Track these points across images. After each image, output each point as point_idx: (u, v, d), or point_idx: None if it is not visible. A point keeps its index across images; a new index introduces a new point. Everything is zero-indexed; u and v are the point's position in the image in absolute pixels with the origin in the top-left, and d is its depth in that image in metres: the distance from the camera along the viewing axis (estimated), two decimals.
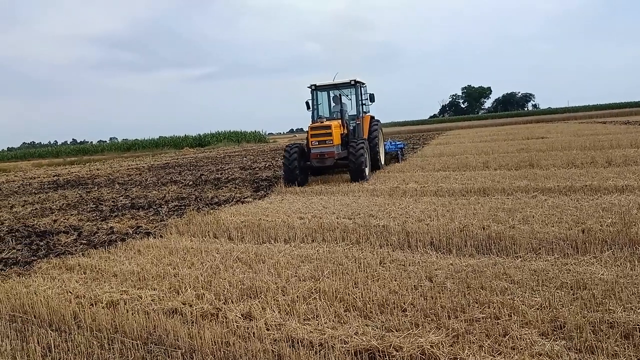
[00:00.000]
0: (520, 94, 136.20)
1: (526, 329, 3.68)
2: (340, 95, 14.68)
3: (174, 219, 9.35)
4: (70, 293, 5.33)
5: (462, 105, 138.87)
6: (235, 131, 61.36)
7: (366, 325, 3.98)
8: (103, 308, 4.79)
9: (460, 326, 3.78)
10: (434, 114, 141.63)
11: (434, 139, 34.06)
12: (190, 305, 4.66)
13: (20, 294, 5.35)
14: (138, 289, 5.29)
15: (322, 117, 13.82)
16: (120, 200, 12.91)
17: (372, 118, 15.22)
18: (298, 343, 3.76)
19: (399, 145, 18.49)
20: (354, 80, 13.96)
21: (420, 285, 4.71)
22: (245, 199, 11.30)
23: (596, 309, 3.92)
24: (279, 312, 4.37)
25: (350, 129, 14.02)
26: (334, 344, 3.67)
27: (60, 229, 9.26)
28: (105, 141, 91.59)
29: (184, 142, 57.58)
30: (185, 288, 5.15)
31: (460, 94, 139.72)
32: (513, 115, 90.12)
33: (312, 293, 4.72)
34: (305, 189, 12.24)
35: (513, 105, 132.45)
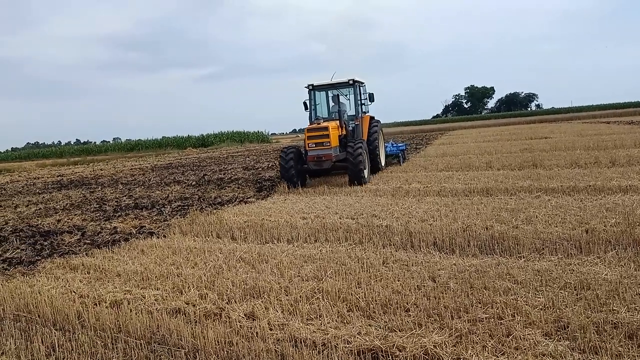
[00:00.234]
0: (523, 94, 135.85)
1: (530, 329, 3.68)
2: (338, 95, 14.14)
3: (177, 219, 9.38)
4: (74, 293, 5.35)
5: (465, 105, 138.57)
6: (238, 131, 61.45)
7: (369, 325, 3.98)
8: (107, 308, 4.81)
9: (464, 326, 3.77)
10: (437, 114, 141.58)
11: (437, 139, 34.00)
12: (194, 305, 4.67)
13: (24, 293, 5.37)
14: (141, 289, 5.31)
15: (320, 118, 13.39)
16: (124, 200, 12.94)
17: (372, 118, 14.77)
18: (301, 343, 3.77)
19: (401, 147, 17.73)
20: (352, 80, 13.48)
21: (423, 286, 4.71)
22: (248, 199, 11.32)
23: (600, 309, 3.91)
24: (282, 312, 4.37)
25: (349, 129, 13.61)
26: (337, 344, 3.67)
27: (64, 229, 9.30)
28: (108, 141, 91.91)
29: (187, 142, 57.77)
30: (188, 288, 5.16)
31: (464, 94, 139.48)
32: (516, 115, 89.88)
33: (315, 293, 4.72)
34: (308, 189, 12.23)
35: (516, 105, 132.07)
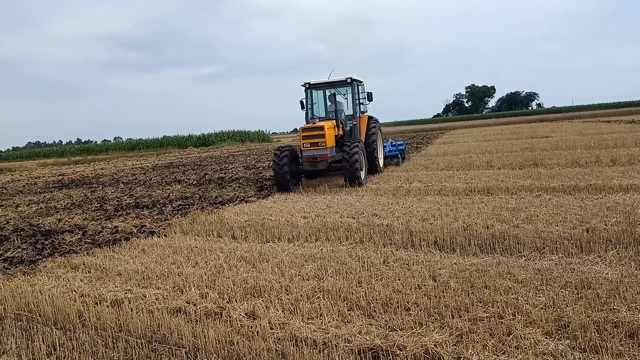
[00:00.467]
0: (524, 93, 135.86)
1: (530, 329, 3.67)
2: (334, 93, 13.67)
3: (178, 218, 9.39)
4: (75, 292, 5.35)
5: (466, 105, 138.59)
6: (239, 131, 61.49)
7: (370, 324, 3.98)
8: (107, 307, 4.81)
9: (464, 325, 3.77)
10: (438, 113, 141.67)
11: (437, 138, 34.01)
12: (194, 304, 4.67)
13: (25, 292, 5.38)
14: (142, 288, 5.31)
15: (316, 118, 13.02)
16: (125, 200, 12.95)
17: (370, 118, 14.44)
18: (302, 342, 3.77)
19: (400, 147, 17.24)
20: (350, 78, 13.20)
21: (424, 285, 4.71)
22: (249, 198, 11.32)
23: (600, 308, 3.91)
24: (282, 311, 4.38)
25: (346, 129, 13.26)
26: (338, 343, 3.67)
27: (65, 228, 9.31)
28: (109, 141, 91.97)
29: (188, 142, 57.81)
30: (189, 287, 5.17)
31: (464, 93, 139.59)
32: (517, 115, 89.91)
33: (316, 292, 4.73)
34: (308, 188, 12.21)
35: (517, 104, 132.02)
